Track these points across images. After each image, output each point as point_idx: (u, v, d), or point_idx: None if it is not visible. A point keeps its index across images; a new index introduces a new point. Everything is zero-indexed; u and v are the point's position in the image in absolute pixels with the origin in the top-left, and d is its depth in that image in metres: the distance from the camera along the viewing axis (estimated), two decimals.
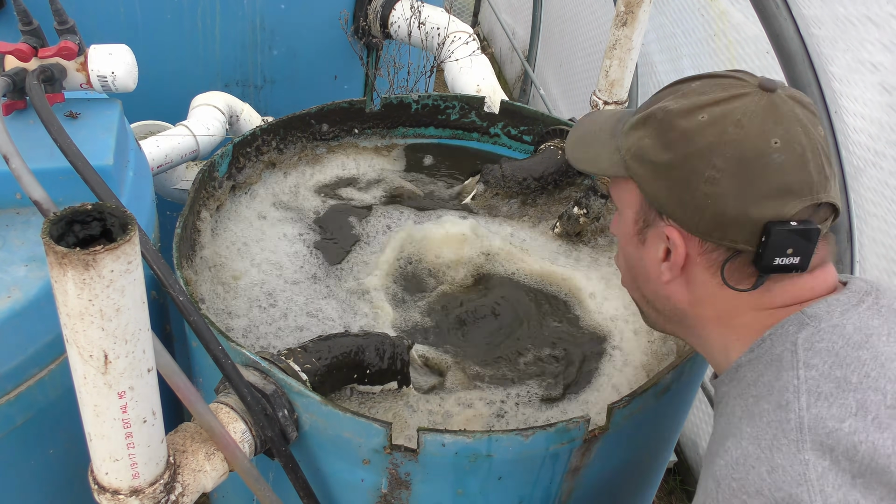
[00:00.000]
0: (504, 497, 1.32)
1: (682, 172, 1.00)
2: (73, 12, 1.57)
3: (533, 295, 1.72)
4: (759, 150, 0.97)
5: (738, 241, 0.99)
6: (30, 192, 1.17)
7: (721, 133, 0.98)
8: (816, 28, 1.97)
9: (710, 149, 0.98)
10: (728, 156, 0.97)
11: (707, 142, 0.98)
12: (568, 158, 1.22)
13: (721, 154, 0.97)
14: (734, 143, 0.97)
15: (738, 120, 0.98)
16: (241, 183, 1.86)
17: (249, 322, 1.56)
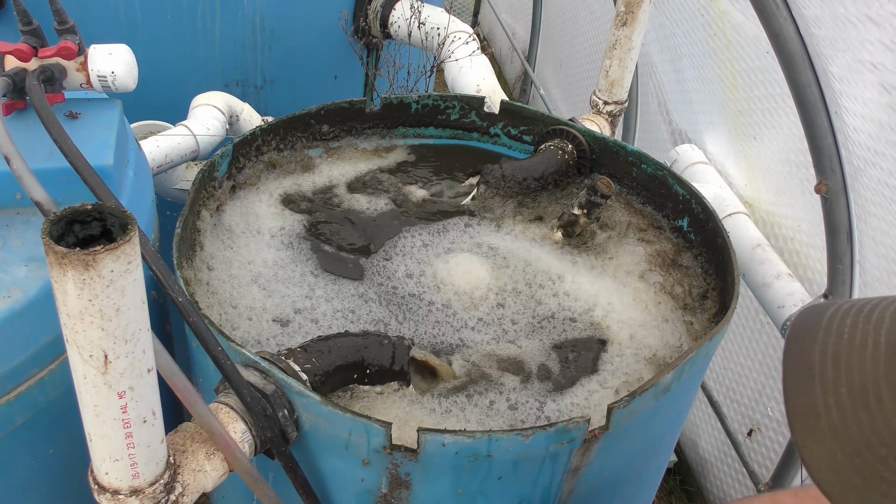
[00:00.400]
0: (504, 497, 1.32)
1: None
2: (73, 12, 1.57)
3: (536, 299, 1.72)
4: None
5: None
6: (31, 193, 1.17)
7: None
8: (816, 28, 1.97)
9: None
10: None
11: None
12: None
13: None
14: None
15: None
16: (241, 183, 1.86)
17: (249, 322, 1.56)
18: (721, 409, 2.75)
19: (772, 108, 2.37)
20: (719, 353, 2.86)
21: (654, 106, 3.25)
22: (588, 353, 1.60)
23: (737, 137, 2.58)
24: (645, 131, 3.38)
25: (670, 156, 2.65)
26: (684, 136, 2.96)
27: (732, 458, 2.83)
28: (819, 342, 0.65)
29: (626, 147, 1.97)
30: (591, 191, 1.78)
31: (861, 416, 0.58)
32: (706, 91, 2.78)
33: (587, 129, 2.04)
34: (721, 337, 1.51)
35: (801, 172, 2.25)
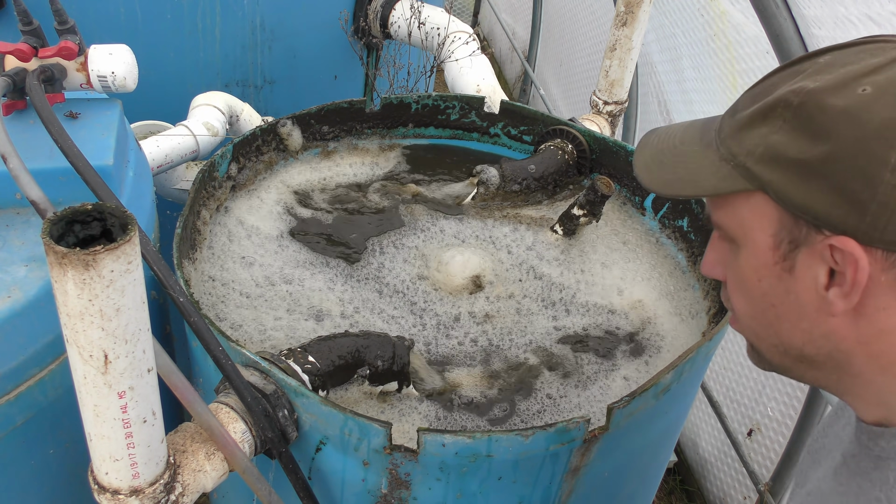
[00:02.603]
0: (504, 497, 1.32)
1: (851, 164, 0.77)
2: (73, 12, 1.57)
3: (536, 299, 1.72)
4: None
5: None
6: (27, 192, 1.17)
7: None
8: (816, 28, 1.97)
9: (890, 126, 0.75)
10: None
11: (882, 118, 0.75)
12: (647, 186, 0.96)
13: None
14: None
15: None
16: (241, 183, 1.86)
17: (248, 322, 1.56)
18: (721, 409, 2.75)
19: None
20: (719, 353, 2.86)
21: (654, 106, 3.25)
22: (589, 352, 1.60)
23: None
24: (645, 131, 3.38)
25: None
26: None
27: (732, 458, 2.83)
28: (662, 126, 1.03)
29: (626, 147, 1.97)
30: (591, 191, 1.78)
31: (663, 142, 0.98)
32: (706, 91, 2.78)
33: (587, 129, 2.04)
34: (721, 337, 1.51)
35: None
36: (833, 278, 0.81)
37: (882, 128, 0.75)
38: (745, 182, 0.84)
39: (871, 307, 0.81)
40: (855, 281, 0.79)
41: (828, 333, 0.85)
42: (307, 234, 1.80)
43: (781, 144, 0.81)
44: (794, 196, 0.81)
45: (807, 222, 0.81)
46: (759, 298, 0.89)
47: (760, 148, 0.83)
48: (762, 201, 0.84)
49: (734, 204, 0.87)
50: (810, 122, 0.79)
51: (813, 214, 0.80)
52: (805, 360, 0.89)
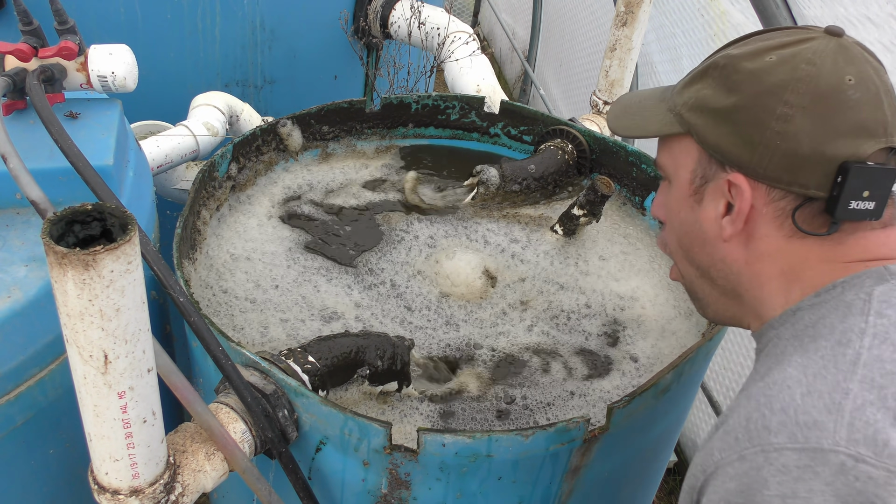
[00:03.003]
0: (504, 497, 1.32)
1: (751, 113, 0.97)
2: (73, 12, 1.57)
3: (536, 299, 1.72)
4: (834, 85, 0.94)
5: (809, 186, 0.95)
6: (27, 192, 1.17)
7: (793, 70, 0.95)
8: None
9: (781, 86, 0.95)
10: (802, 91, 0.94)
11: (779, 79, 0.96)
12: (611, 129, 1.19)
13: (794, 90, 0.94)
14: (808, 78, 0.94)
15: (810, 58, 0.95)
16: (241, 183, 1.86)
17: (247, 322, 1.56)
18: (721, 409, 2.75)
19: None
20: (719, 353, 2.86)
21: None
22: (588, 351, 1.60)
23: None
24: None
25: None
26: None
27: None
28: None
29: (626, 147, 1.97)
30: (591, 191, 1.78)
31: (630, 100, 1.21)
32: None
33: (587, 129, 2.04)
34: (721, 337, 1.51)
35: None
36: (729, 210, 1.01)
37: (775, 87, 0.96)
38: (678, 126, 1.05)
39: (755, 235, 1.01)
40: (740, 209, 0.99)
41: (724, 258, 1.05)
42: (306, 234, 1.80)
43: (706, 97, 1.02)
44: (709, 137, 1.01)
45: (716, 161, 1.02)
46: (679, 227, 1.11)
47: (692, 100, 1.04)
48: (689, 143, 1.05)
49: (671, 145, 1.09)
50: (727, 80, 1.00)
51: (720, 153, 1.00)
52: (717, 287, 1.09)
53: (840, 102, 0.93)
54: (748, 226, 1.00)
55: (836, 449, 0.77)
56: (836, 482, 0.76)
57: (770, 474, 0.79)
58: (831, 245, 0.97)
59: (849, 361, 0.84)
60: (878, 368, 0.83)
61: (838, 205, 0.93)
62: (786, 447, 0.80)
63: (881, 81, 0.96)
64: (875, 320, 0.88)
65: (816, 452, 0.78)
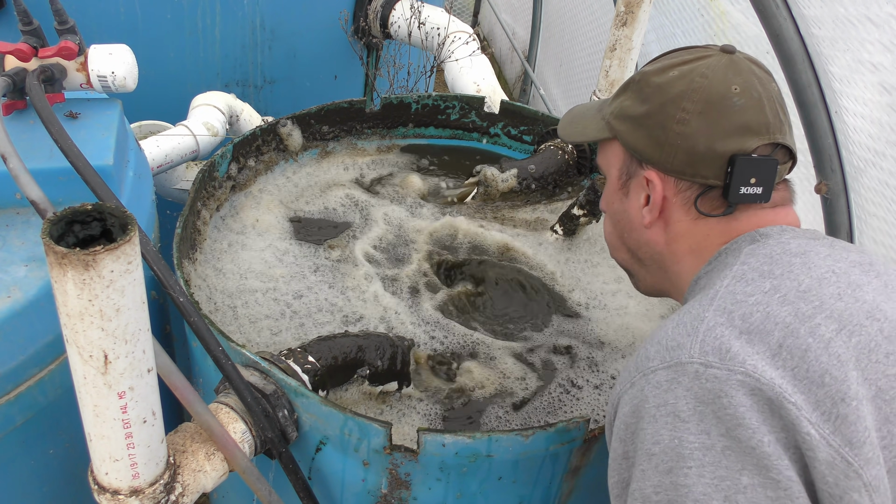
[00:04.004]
0: (504, 497, 1.32)
1: (657, 118, 1.17)
2: (73, 12, 1.57)
3: (536, 299, 1.72)
4: (721, 94, 1.13)
5: (708, 177, 1.14)
6: (27, 192, 1.17)
7: (689, 83, 1.15)
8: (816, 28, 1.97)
9: (680, 96, 1.15)
10: (696, 99, 1.14)
11: (678, 90, 1.15)
12: (560, 135, 1.39)
13: (690, 98, 1.14)
14: (701, 89, 1.14)
15: (704, 73, 1.15)
16: (241, 183, 1.86)
17: (247, 321, 1.56)
18: None
19: None
20: None
21: None
22: (589, 351, 1.60)
23: None
24: None
25: None
26: None
27: None
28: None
29: None
30: (591, 191, 1.78)
31: (579, 111, 1.41)
32: None
33: None
34: None
35: (800, 172, 2.25)
36: (648, 202, 1.21)
37: (676, 96, 1.15)
38: (608, 132, 1.25)
39: (670, 220, 1.20)
40: (654, 200, 1.19)
41: (648, 241, 1.24)
42: (306, 235, 1.80)
43: (627, 107, 1.23)
44: (629, 140, 1.21)
45: (636, 160, 1.21)
46: (612, 216, 1.31)
47: (617, 109, 1.24)
48: (616, 146, 1.25)
49: (605, 148, 1.29)
50: (641, 92, 1.21)
51: (638, 153, 1.20)
52: (644, 264, 1.29)
53: (727, 107, 1.13)
54: (664, 213, 1.20)
55: (692, 361, 0.97)
56: (693, 386, 0.95)
57: (649, 391, 0.99)
58: (727, 223, 1.17)
59: (709, 298, 1.05)
60: (730, 299, 1.03)
61: (730, 190, 1.12)
62: (658, 368, 0.99)
63: (764, 89, 1.15)
64: (738, 268, 1.08)
65: (678, 366, 0.97)
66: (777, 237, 1.13)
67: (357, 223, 1.86)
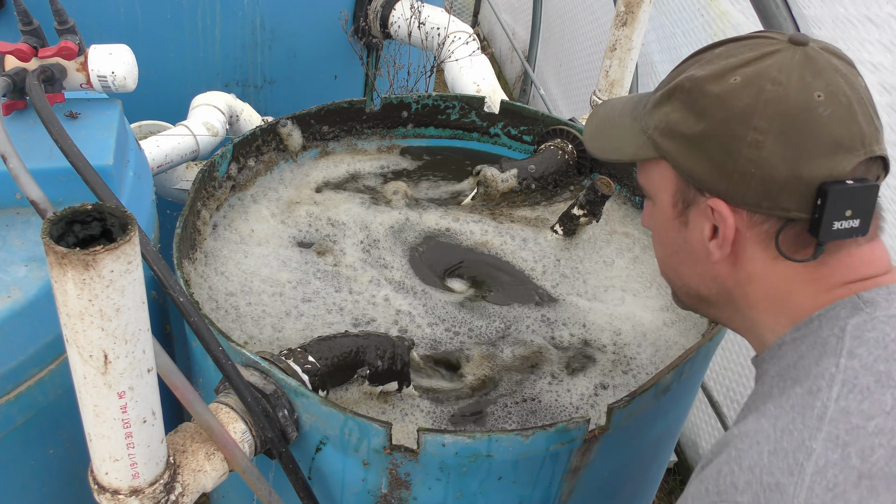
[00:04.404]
0: (504, 497, 1.32)
1: (720, 141, 0.94)
2: (73, 12, 1.57)
3: (536, 299, 1.72)
4: (802, 104, 0.90)
5: (790, 209, 0.92)
6: (27, 192, 1.17)
7: (758, 92, 0.92)
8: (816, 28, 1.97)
9: (748, 110, 0.92)
10: (770, 115, 0.91)
11: (744, 103, 0.92)
12: (588, 150, 1.16)
13: (762, 114, 0.91)
14: (774, 100, 0.91)
15: (775, 77, 0.92)
16: (241, 183, 1.86)
17: (247, 322, 1.56)
18: (721, 409, 2.75)
19: None
20: (719, 353, 2.86)
21: None
22: (588, 351, 1.60)
23: None
24: None
25: None
26: None
27: None
28: (613, 98, 1.20)
29: None
30: (591, 191, 1.78)
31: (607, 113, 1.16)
32: None
33: None
34: (721, 337, 1.51)
35: None
36: (715, 233, 0.99)
37: (742, 112, 0.93)
38: (653, 151, 1.03)
39: (742, 257, 0.99)
40: (724, 235, 0.98)
41: (715, 276, 1.03)
42: (305, 235, 1.80)
43: (676, 121, 1.00)
44: (683, 164, 0.99)
45: (694, 186, 1.00)
46: (668, 246, 1.10)
47: (663, 124, 1.01)
48: (665, 167, 1.03)
49: (649, 168, 1.07)
50: (695, 104, 0.97)
51: (696, 180, 0.98)
52: (704, 300, 1.09)
53: (811, 122, 0.90)
54: (735, 248, 0.99)
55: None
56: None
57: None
58: (815, 266, 0.95)
59: (816, 416, 0.84)
60: (844, 423, 0.82)
61: (821, 227, 0.90)
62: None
63: (852, 89, 0.93)
64: (846, 362, 0.87)
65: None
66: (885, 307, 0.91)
67: (356, 223, 1.86)
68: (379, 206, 1.91)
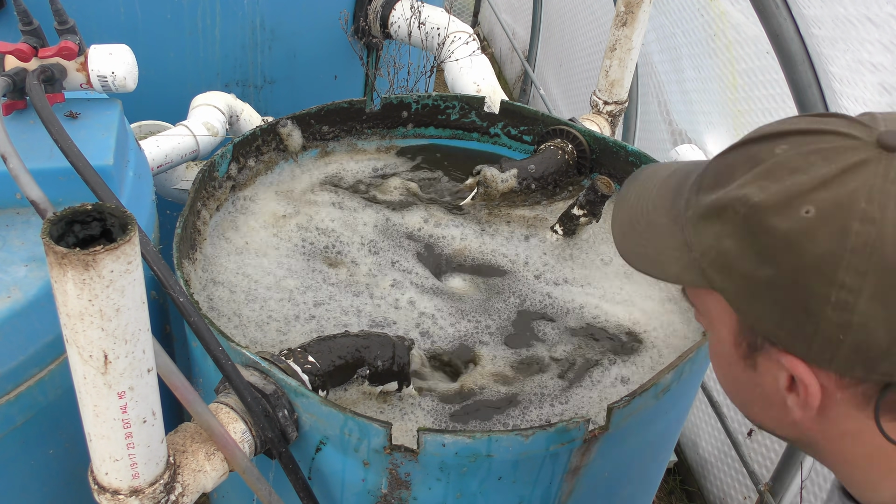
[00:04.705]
0: (504, 497, 1.32)
1: (793, 296, 0.73)
2: (73, 12, 1.57)
3: (537, 299, 1.72)
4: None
5: (893, 374, 0.73)
6: (27, 192, 1.17)
7: (842, 235, 0.69)
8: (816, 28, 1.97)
9: (830, 261, 0.70)
10: (861, 268, 0.69)
11: (823, 250, 0.70)
12: (619, 253, 0.94)
13: (849, 267, 0.69)
14: (866, 247, 0.69)
15: (864, 210, 0.69)
16: (241, 183, 1.86)
17: (247, 321, 1.56)
18: (721, 409, 2.75)
19: (772, 109, 2.36)
20: None
21: (654, 106, 3.25)
22: (589, 351, 1.60)
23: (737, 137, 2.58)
24: (645, 131, 3.38)
25: (670, 156, 2.65)
26: (684, 136, 2.96)
27: (732, 458, 2.83)
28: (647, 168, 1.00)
29: (627, 147, 1.97)
30: (591, 191, 1.78)
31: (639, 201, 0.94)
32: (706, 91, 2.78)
33: (587, 129, 2.04)
34: None
35: None
36: (793, 384, 0.79)
37: (821, 261, 0.71)
38: (703, 281, 0.82)
39: (832, 414, 0.79)
40: (807, 401, 0.78)
41: (794, 423, 0.83)
42: (305, 235, 1.80)
43: (732, 254, 0.78)
44: (745, 311, 0.79)
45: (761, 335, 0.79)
46: (731, 381, 0.89)
47: (714, 251, 0.80)
48: (722, 300, 0.81)
49: (699, 291, 0.86)
50: (755, 240, 0.76)
51: (764, 332, 0.78)
52: (785, 437, 0.90)
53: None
54: (822, 406, 0.79)
55: None
56: None
57: None
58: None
59: None
60: None
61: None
62: None
63: None
64: None
65: None
66: None
67: (355, 223, 1.86)
68: (379, 207, 1.91)
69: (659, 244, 0.87)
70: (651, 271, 0.88)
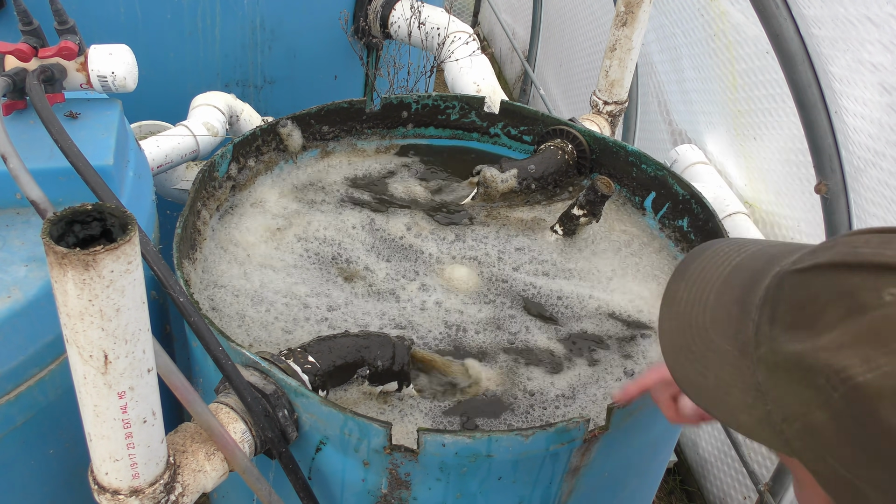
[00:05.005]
0: (504, 497, 1.32)
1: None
2: (73, 12, 1.57)
3: (537, 299, 1.72)
4: None
5: None
6: (27, 192, 1.17)
7: None
8: (816, 28, 1.97)
9: None
10: None
11: None
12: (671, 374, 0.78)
13: None
14: None
15: None
16: (241, 183, 1.86)
17: (246, 321, 1.56)
18: None
19: (772, 108, 2.36)
20: None
21: (654, 106, 3.25)
22: (589, 351, 1.60)
23: (737, 137, 2.58)
24: (645, 131, 3.38)
25: (670, 156, 2.65)
26: (684, 136, 2.96)
27: (732, 458, 2.83)
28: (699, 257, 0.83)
29: (626, 147, 1.97)
30: (591, 191, 1.78)
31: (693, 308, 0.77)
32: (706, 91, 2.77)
33: (587, 129, 2.04)
34: None
35: (801, 172, 2.25)
36: None
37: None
38: (785, 448, 0.67)
39: None
40: None
41: None
42: (304, 235, 1.80)
43: (826, 436, 0.62)
44: (840, 497, 0.64)
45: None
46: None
47: (799, 423, 0.64)
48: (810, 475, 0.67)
49: (786, 457, 0.71)
50: (861, 431, 0.59)
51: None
52: None
53: None
54: None
55: None
56: None
57: None
58: None
59: None
60: None
61: None
62: None
63: None
64: None
65: None
66: None
67: (355, 223, 1.86)
68: (379, 206, 1.91)
69: (722, 376, 0.71)
70: (716, 412, 0.72)
